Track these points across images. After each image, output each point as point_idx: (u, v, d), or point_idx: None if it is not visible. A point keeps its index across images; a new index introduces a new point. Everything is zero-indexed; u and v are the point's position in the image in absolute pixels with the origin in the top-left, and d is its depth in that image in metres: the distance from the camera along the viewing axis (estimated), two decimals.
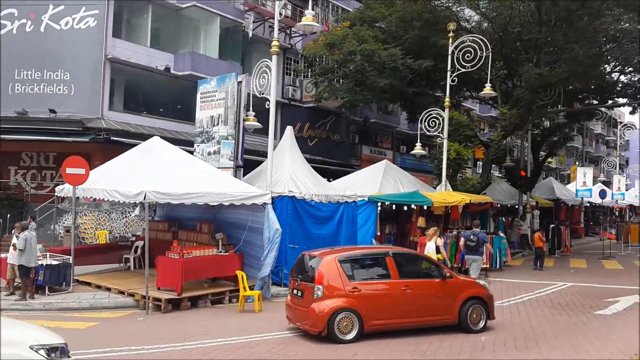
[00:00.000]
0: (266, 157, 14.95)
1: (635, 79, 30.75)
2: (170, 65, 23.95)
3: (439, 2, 24.83)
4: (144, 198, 11.45)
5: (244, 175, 15.96)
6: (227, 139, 15.54)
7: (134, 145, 15.68)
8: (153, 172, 12.47)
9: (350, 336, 9.16)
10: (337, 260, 9.58)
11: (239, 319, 11.40)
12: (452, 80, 19.95)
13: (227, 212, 14.43)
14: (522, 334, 9.88)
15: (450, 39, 19.78)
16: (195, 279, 12.83)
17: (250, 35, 26.51)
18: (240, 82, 15.50)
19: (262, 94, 14.57)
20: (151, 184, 11.68)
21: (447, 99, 20.47)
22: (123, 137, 20.85)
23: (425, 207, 19.06)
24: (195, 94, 17.19)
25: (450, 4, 24.83)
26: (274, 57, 13.80)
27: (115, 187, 12.14)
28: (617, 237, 32.19)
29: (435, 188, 21.75)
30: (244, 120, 15.56)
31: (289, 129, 16.40)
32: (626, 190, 35.53)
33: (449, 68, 19.86)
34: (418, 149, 22.43)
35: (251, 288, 12.50)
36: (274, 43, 13.78)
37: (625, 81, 31.15)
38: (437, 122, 20.97)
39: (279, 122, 26.81)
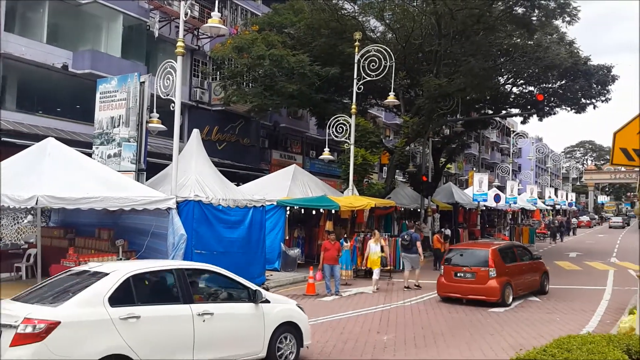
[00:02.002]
0: (172, 160, 14.55)
1: (526, 90, 33.23)
2: (69, 63, 22.71)
3: (345, 12, 25.46)
4: (36, 203, 10.74)
5: (147, 179, 15.41)
6: (129, 141, 14.94)
7: (27, 146, 14.62)
8: (47, 175, 11.71)
9: (510, 301, 13.55)
10: (497, 250, 14.05)
11: None
12: (359, 88, 20.52)
13: (129, 218, 13.85)
14: (422, 333, 10.31)
15: (356, 48, 20.35)
16: None
17: (156, 35, 25.77)
18: (143, 82, 14.96)
19: (167, 95, 14.17)
20: (44, 188, 10.96)
21: (353, 106, 21.00)
22: (15, 137, 19.53)
23: (333, 211, 19.44)
24: (95, 93, 16.40)
25: (356, 14, 25.54)
26: (179, 58, 13.48)
27: (4, 191, 11.29)
28: (510, 239, 34.48)
29: (342, 192, 22.20)
30: (147, 122, 15.04)
31: (195, 132, 16.05)
32: (518, 194, 38.23)
33: (355, 76, 20.41)
34: (326, 154, 22.86)
35: None
36: (179, 44, 13.47)
37: (517, 93, 33.57)
38: (345, 128, 21.47)
39: (185, 125, 26.26)
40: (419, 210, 27.83)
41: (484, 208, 36.10)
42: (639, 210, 7.34)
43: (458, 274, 13.94)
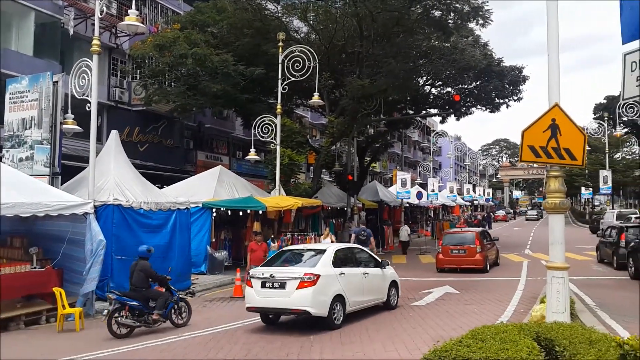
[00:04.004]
0: (89, 163, 13.95)
1: (444, 91, 34.54)
2: None
3: (269, 12, 25.40)
4: None
5: (62, 183, 14.69)
6: (42, 144, 14.19)
7: None
8: None
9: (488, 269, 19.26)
10: (479, 233, 19.95)
11: (57, 340, 10.46)
12: (284, 88, 20.55)
13: (44, 224, 13.15)
14: (348, 329, 10.49)
15: (280, 49, 20.37)
16: (4, 299, 11.48)
17: (71, 32, 24.59)
18: (57, 82, 14.24)
19: (83, 95, 13.59)
20: None
21: (279, 106, 21.01)
22: None
23: (260, 212, 19.36)
24: (5, 94, 15.45)
25: (280, 15, 25.54)
26: (95, 57, 12.97)
27: None
28: (432, 234, 35.76)
29: (269, 193, 22.16)
30: (61, 123, 14.36)
31: (114, 133, 15.47)
32: (439, 191, 39.67)
33: (279, 76, 20.42)
34: (252, 155, 22.73)
35: (73, 305, 11.57)
36: (95, 42, 12.96)
37: (436, 93, 34.82)
38: (270, 128, 21.44)
39: (104, 126, 25.27)
40: (345, 208, 28.25)
41: (408, 205, 37.16)
42: (548, 204, 7.80)
43: (453, 251, 19.48)
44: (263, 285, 10.48)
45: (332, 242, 17.64)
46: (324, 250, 11.27)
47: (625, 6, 3.93)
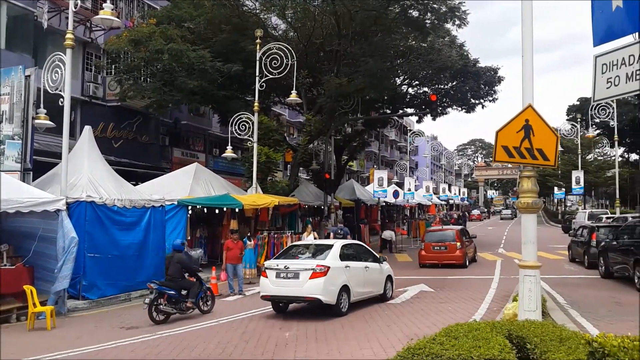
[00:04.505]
0: (62, 159, 13.71)
1: (421, 91, 34.78)
2: None
3: (247, 8, 25.24)
4: None
5: (34, 180, 14.42)
6: (13, 139, 13.90)
7: None
8: None
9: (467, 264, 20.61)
10: (459, 231, 21.42)
11: (28, 338, 10.26)
12: (261, 86, 20.44)
13: (14, 221, 12.88)
14: (323, 327, 10.51)
15: (258, 46, 20.26)
16: None
17: (45, 26, 24.06)
18: (29, 76, 13.97)
19: (56, 90, 13.34)
20: None
21: (256, 104, 20.90)
22: None
23: (236, 210, 19.25)
24: None
25: (258, 11, 25.41)
26: (69, 51, 12.74)
27: None
28: (408, 232, 36.01)
29: (246, 191, 22.05)
30: (33, 118, 14.07)
31: (87, 129, 15.21)
32: (415, 190, 39.94)
33: (257, 73, 20.32)
34: (229, 152, 22.56)
35: (45, 303, 11.36)
36: (68, 35, 12.74)
37: (413, 93, 35.04)
38: (248, 126, 21.32)
39: (78, 121, 24.84)
40: (322, 207, 28.28)
41: (384, 204, 37.39)
42: (521, 204, 7.91)
43: (435, 248, 20.64)
44: (277, 276, 11.58)
45: (314, 239, 18.26)
46: (332, 245, 12.47)
47: (597, 8, 4.00)
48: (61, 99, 13.01)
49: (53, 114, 14.66)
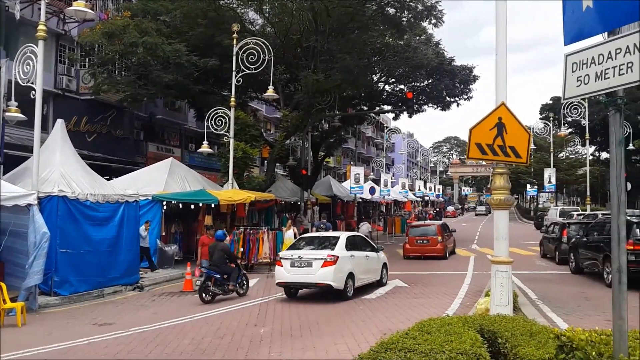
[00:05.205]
0: (33, 152, 13.43)
1: (397, 88, 34.98)
2: None
3: (223, 2, 25.03)
4: None
5: (5, 174, 14.10)
6: None
7: None
8: None
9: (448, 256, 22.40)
10: (440, 226, 23.10)
11: None
12: (238, 81, 20.33)
13: None
14: (298, 322, 10.53)
15: (235, 40, 20.12)
16: None
17: (18, 17, 23.45)
18: None
19: (28, 82, 13.06)
20: None
21: (232, 99, 20.78)
22: None
23: (212, 205, 19.12)
24: None
25: (235, 6, 25.21)
26: (41, 43, 12.48)
27: None
28: (384, 229, 36.25)
29: (222, 186, 21.92)
30: (4, 111, 13.77)
31: (59, 122, 14.93)
32: (392, 187, 40.18)
33: (234, 68, 20.19)
34: (205, 147, 22.39)
35: (15, 300, 11.15)
36: (41, 27, 12.47)
37: (390, 90, 35.22)
38: (224, 121, 21.20)
39: (50, 115, 24.36)
40: (299, 203, 28.27)
41: (360, 200, 37.54)
42: (493, 201, 8.03)
43: (418, 241, 22.23)
44: (292, 265, 12.97)
45: (294, 233, 19.40)
46: (338, 237, 13.90)
47: (568, 7, 4.07)
48: (33, 92, 12.75)
49: (25, 106, 14.37)
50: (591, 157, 45.68)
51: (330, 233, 17.40)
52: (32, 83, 12.91)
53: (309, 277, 12.83)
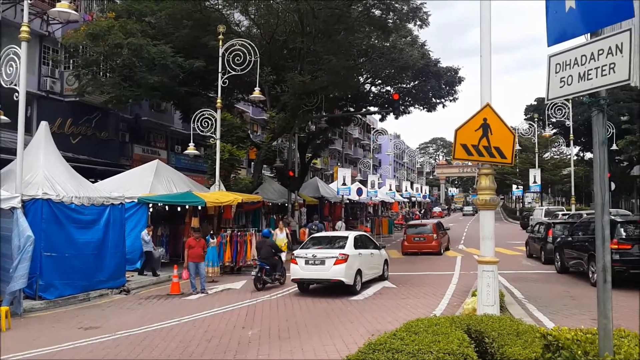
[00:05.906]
0: (16, 155, 13.26)
1: (384, 90, 35.08)
2: None
3: (209, 4, 24.92)
4: None
5: None
6: None
7: None
8: None
9: (443, 252, 24.20)
10: (436, 224, 24.98)
11: None
12: (224, 82, 20.26)
13: None
14: (286, 324, 10.50)
15: (220, 42, 20.05)
16: None
17: (0, 18, 23.20)
18: None
19: (11, 84, 12.92)
20: None
21: (219, 100, 20.69)
22: None
23: (199, 208, 19.02)
24: None
25: (220, 7, 25.11)
26: (24, 44, 12.35)
27: None
28: (372, 230, 36.31)
29: (209, 188, 21.81)
30: None
31: (43, 124, 14.76)
32: (379, 188, 40.28)
33: (220, 70, 20.11)
34: (191, 149, 22.27)
35: None
36: (24, 28, 12.34)
37: (376, 92, 35.30)
38: (210, 122, 21.10)
39: (34, 117, 24.11)
40: (286, 204, 28.23)
41: (348, 201, 37.56)
42: (479, 201, 8.09)
43: (415, 238, 24.12)
44: (306, 262, 13.99)
45: (286, 234, 20.40)
46: (347, 237, 15.00)
47: (551, 8, 4.10)
48: (16, 94, 12.61)
49: (8, 109, 14.22)
50: (575, 158, 46.15)
51: (338, 233, 19.62)
52: (15, 85, 12.77)
53: (322, 274, 13.85)
